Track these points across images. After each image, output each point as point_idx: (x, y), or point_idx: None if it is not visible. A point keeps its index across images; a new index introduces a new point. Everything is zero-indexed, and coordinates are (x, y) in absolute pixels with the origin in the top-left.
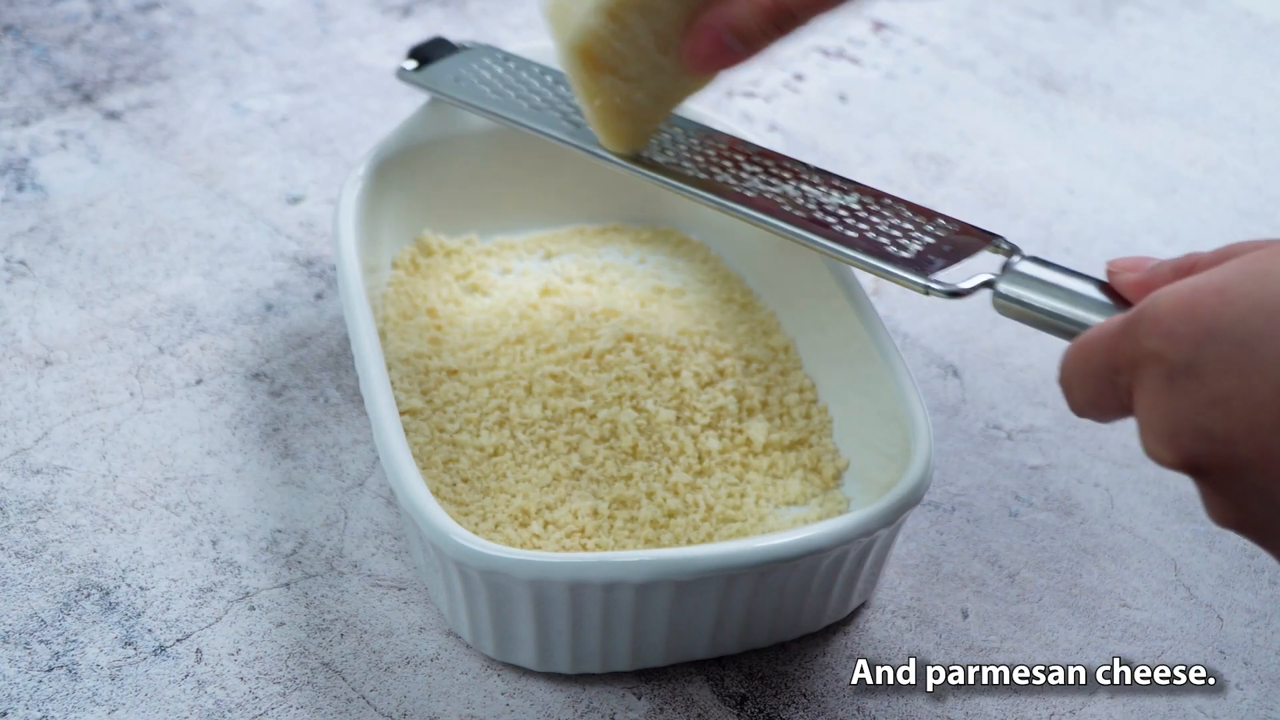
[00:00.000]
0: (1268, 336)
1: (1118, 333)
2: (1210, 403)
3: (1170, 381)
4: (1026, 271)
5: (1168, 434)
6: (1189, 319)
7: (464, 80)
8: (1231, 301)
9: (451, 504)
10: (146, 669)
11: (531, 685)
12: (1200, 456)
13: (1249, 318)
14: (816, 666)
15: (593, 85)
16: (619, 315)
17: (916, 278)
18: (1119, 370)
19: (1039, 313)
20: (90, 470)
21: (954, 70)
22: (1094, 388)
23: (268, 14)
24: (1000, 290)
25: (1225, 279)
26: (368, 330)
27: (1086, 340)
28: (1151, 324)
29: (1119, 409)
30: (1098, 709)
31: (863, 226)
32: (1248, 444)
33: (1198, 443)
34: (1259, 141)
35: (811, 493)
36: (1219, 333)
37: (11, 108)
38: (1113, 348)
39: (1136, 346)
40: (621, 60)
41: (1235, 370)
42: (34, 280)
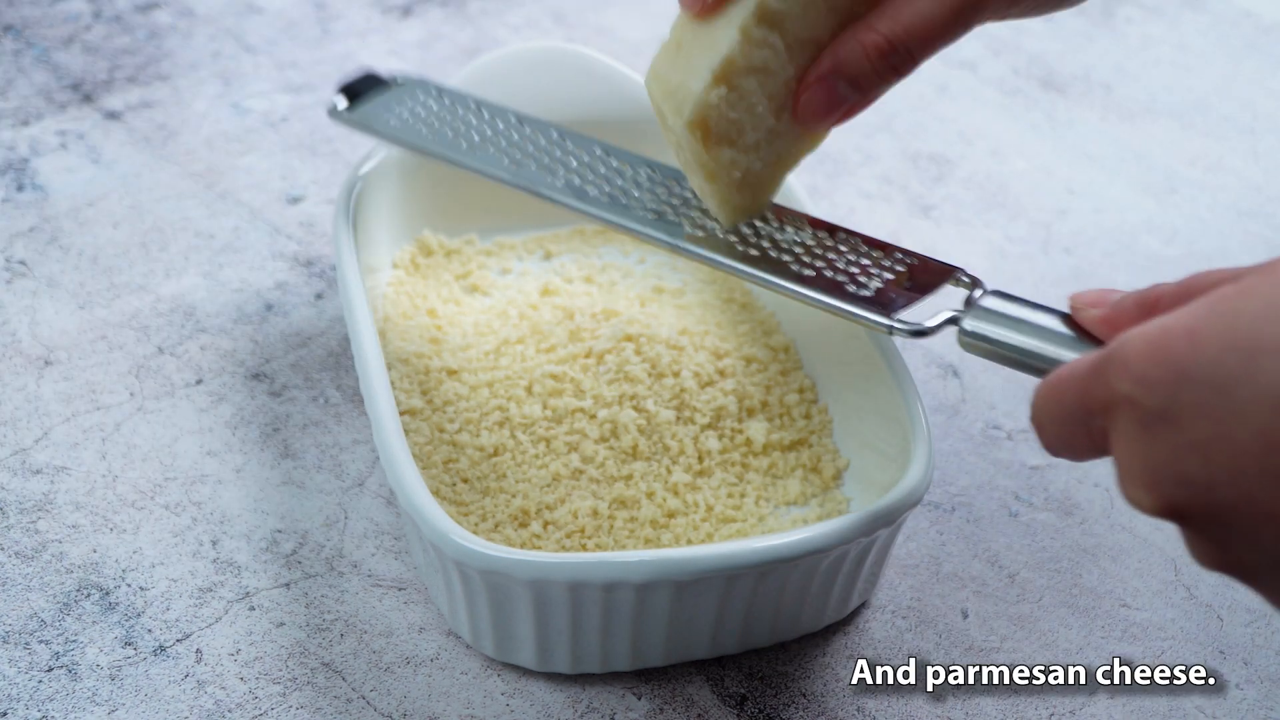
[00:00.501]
0: (1243, 379)
1: (1088, 375)
2: (1188, 448)
3: (1146, 428)
4: (991, 307)
5: (1147, 481)
6: (1160, 363)
7: (399, 118)
8: (1202, 344)
9: (451, 504)
10: (146, 669)
11: (531, 685)
12: (1181, 502)
13: (1222, 360)
14: (816, 666)
15: (712, 163)
16: (619, 315)
17: (879, 318)
18: (1092, 413)
19: (1006, 349)
20: (90, 470)
21: (954, 70)
22: (1067, 430)
23: (268, 14)
24: (966, 328)
25: (1194, 320)
26: (368, 330)
27: (1057, 381)
28: (1122, 368)
29: (1093, 451)
30: (1098, 709)
31: (819, 265)
32: (1229, 489)
33: (1178, 489)
34: (1259, 141)
35: (811, 493)
36: (1192, 377)
37: (11, 108)
38: (1084, 390)
39: (1109, 390)
40: (739, 130)
41: (1212, 415)
42: (34, 280)
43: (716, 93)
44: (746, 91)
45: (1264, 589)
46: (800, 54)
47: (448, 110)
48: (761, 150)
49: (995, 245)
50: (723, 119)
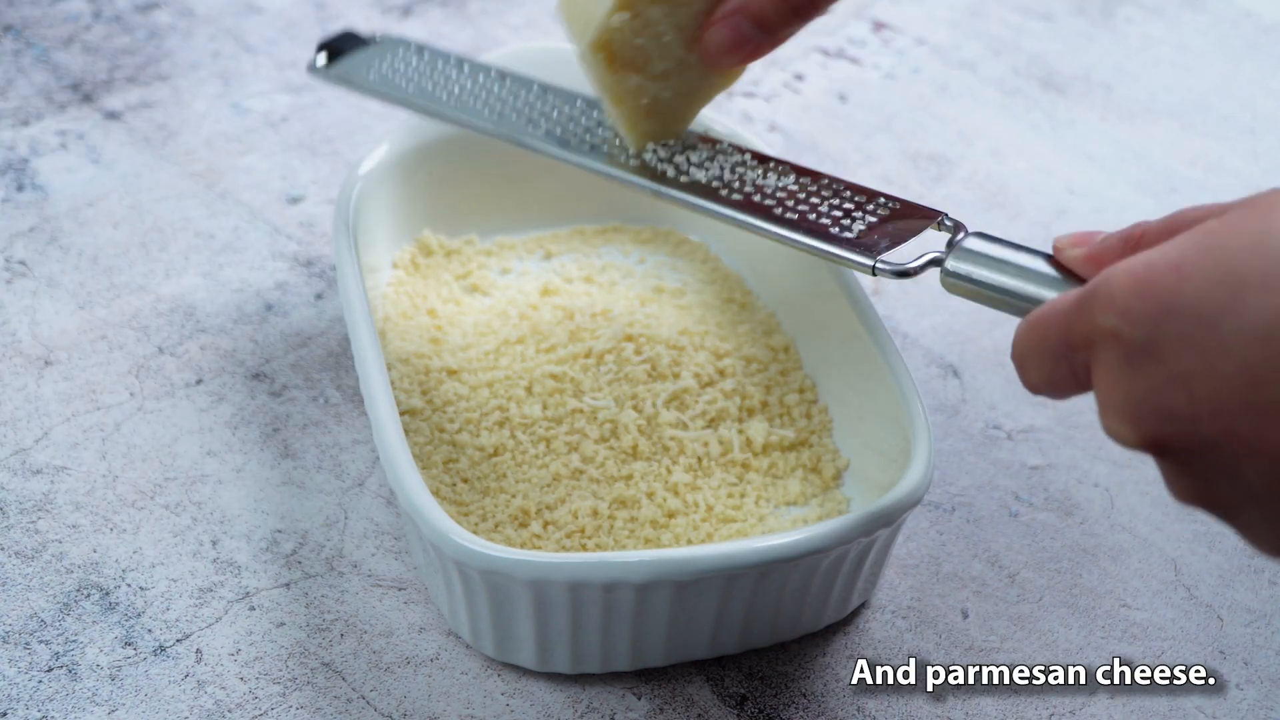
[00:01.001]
0: (1228, 312)
1: (1072, 310)
2: (1171, 381)
3: (1129, 361)
4: (974, 248)
5: (1129, 414)
6: (1145, 296)
7: (379, 74)
8: (1188, 278)
9: (451, 504)
10: (146, 669)
11: (531, 685)
12: (1163, 436)
13: (1207, 294)
14: (816, 666)
15: (617, 86)
16: (619, 315)
17: (863, 259)
18: (1075, 348)
19: (988, 289)
20: (90, 470)
21: (954, 70)
22: (1049, 365)
23: (268, 14)
24: (948, 268)
25: (1180, 254)
26: (368, 330)
27: (1039, 317)
28: (1106, 302)
29: (1075, 386)
30: (1098, 709)
31: (803, 209)
32: (1211, 422)
33: (1160, 422)
34: (1259, 141)
35: (811, 493)
36: (1177, 310)
37: (11, 108)
38: (1067, 325)
39: (1092, 325)
40: (644, 57)
41: (1196, 348)
42: (34, 280)
43: (619, 17)
44: (652, 20)
45: (1240, 525)
46: None
47: (428, 65)
48: (671, 80)
49: None
50: (627, 44)
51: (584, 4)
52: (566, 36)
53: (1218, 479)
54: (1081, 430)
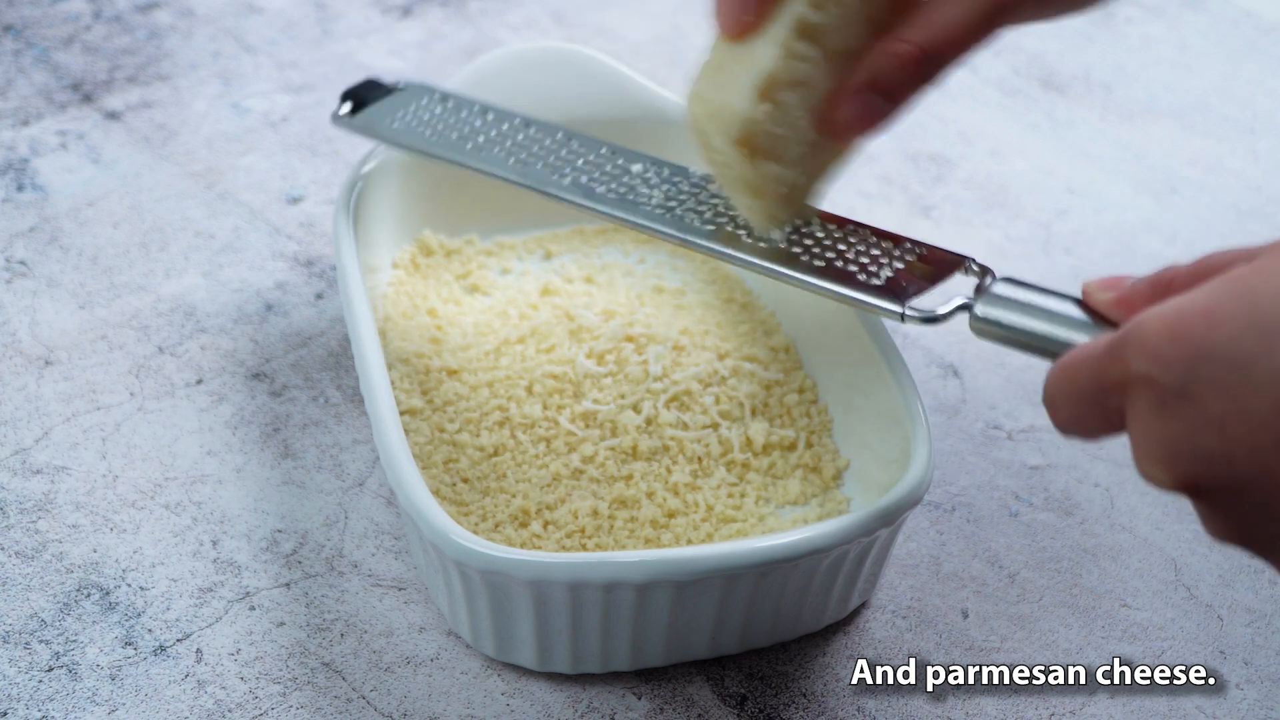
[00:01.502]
0: (1260, 356)
1: (1104, 355)
2: (1205, 424)
3: (1163, 405)
4: (1002, 293)
5: (1164, 457)
6: (1178, 341)
7: (402, 122)
8: (1220, 323)
9: (451, 504)
10: (146, 669)
11: (531, 685)
12: (1198, 478)
13: (1239, 338)
14: (816, 666)
15: (758, 178)
16: (619, 315)
17: (892, 305)
18: (1107, 392)
19: (1018, 334)
20: (90, 470)
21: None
22: (1080, 409)
23: (268, 14)
24: (978, 313)
25: (1211, 299)
26: (368, 330)
27: (1071, 361)
28: (1139, 347)
29: (1107, 429)
30: (1098, 709)
31: (830, 255)
32: (1247, 463)
33: (1195, 464)
34: (1259, 141)
35: (811, 493)
36: (1210, 355)
37: (11, 108)
38: (1099, 370)
39: (1125, 370)
40: (783, 145)
41: (1230, 392)
42: (34, 280)
43: (761, 109)
44: (789, 106)
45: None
46: (838, 66)
47: (451, 114)
48: (804, 163)
49: (995, 245)
50: (767, 134)
51: (721, 101)
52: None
53: (1254, 517)
54: None
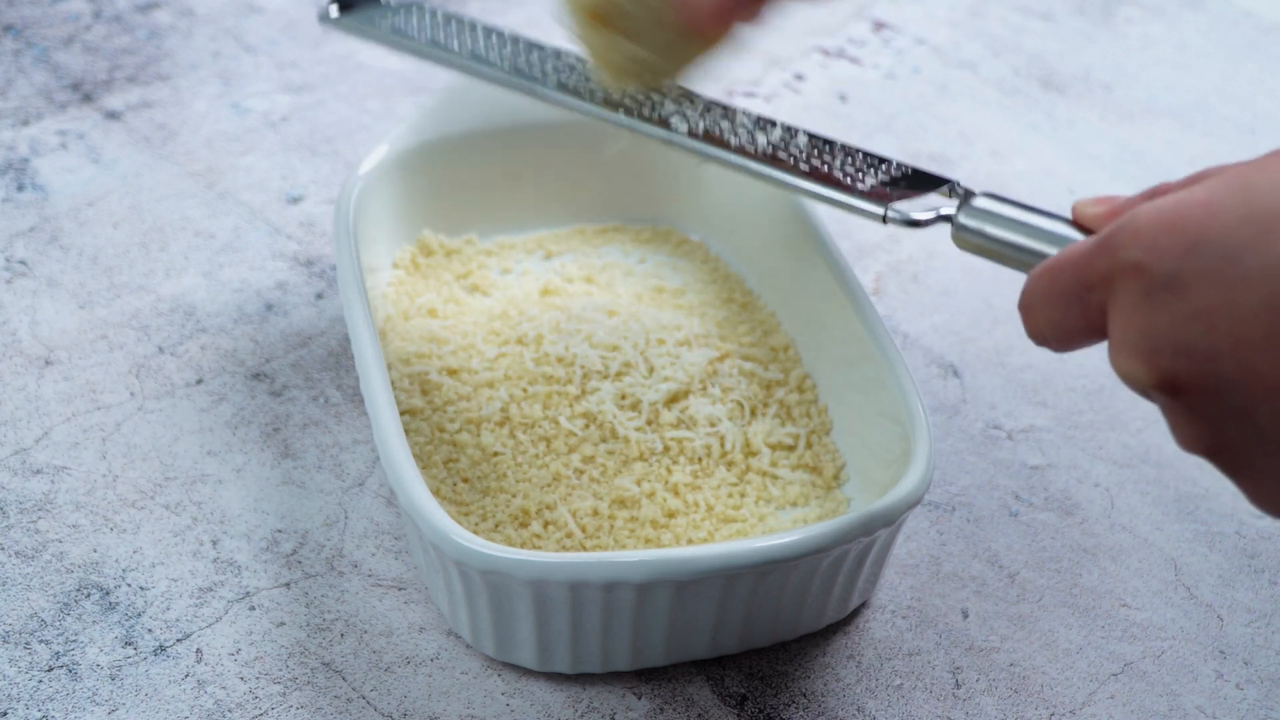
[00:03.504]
0: (1256, 249)
1: (1092, 249)
2: (1193, 316)
3: (1150, 295)
4: (986, 206)
5: (1145, 349)
6: (1172, 230)
7: (393, 26)
8: (1217, 214)
9: (451, 504)
10: (146, 669)
11: (531, 685)
12: (1178, 373)
13: (1237, 230)
14: (816, 666)
15: (601, 46)
16: (619, 315)
17: (874, 207)
18: (1091, 287)
19: (1002, 245)
20: (90, 470)
21: (954, 70)
22: (1060, 307)
23: (268, 14)
24: (960, 222)
25: (1209, 193)
26: (368, 330)
27: (1055, 261)
28: (1132, 236)
29: (1086, 330)
30: (1098, 709)
31: (815, 163)
32: (1231, 359)
33: (1177, 358)
34: (1259, 141)
35: (811, 493)
36: (1204, 244)
37: (11, 108)
38: (1085, 264)
39: (1113, 259)
40: (626, 18)
41: (1221, 282)
42: (34, 280)
43: None
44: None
45: (1245, 476)
46: None
47: (441, 23)
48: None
49: None
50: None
51: None
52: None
53: (1230, 422)
54: (1081, 430)
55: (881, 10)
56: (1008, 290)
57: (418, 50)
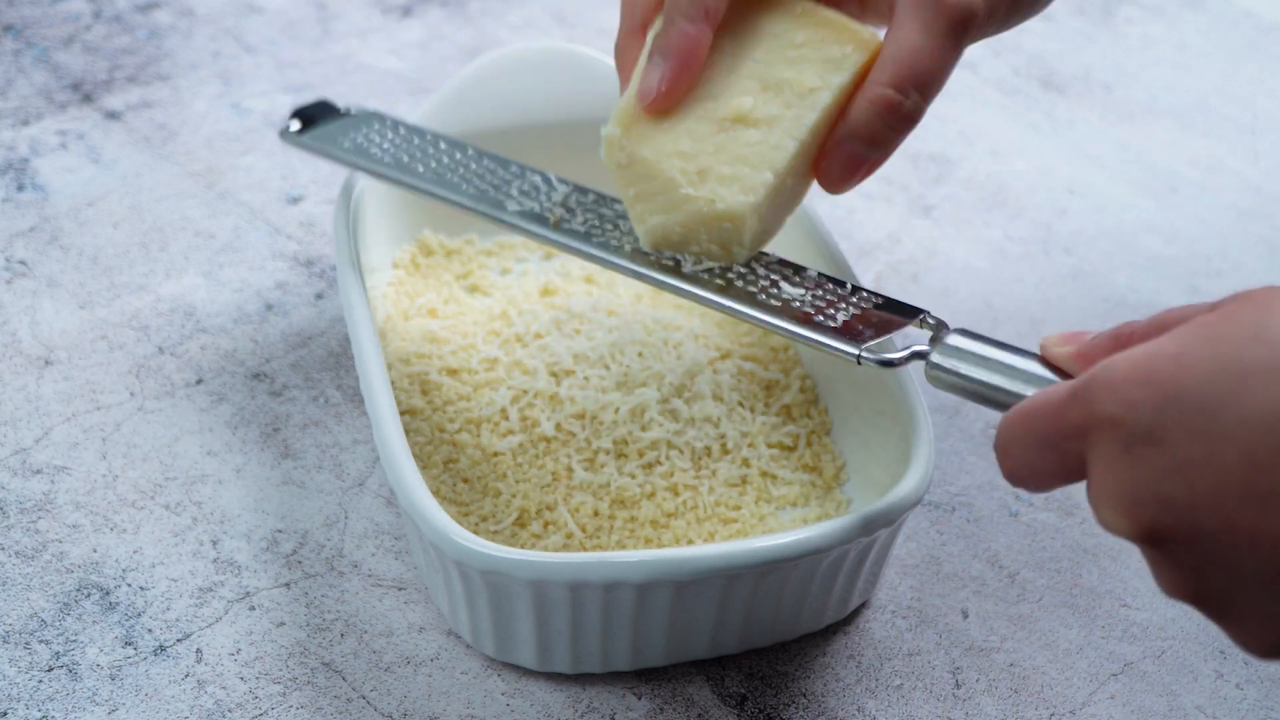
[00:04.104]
0: (1230, 401)
1: (1066, 399)
2: (1172, 470)
3: (1127, 449)
4: (958, 344)
5: (1125, 502)
6: (1147, 384)
7: (353, 143)
8: (1190, 366)
9: (451, 504)
10: (146, 669)
11: (531, 685)
12: (1160, 526)
13: (1210, 382)
14: (816, 666)
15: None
16: (619, 315)
17: (848, 348)
18: (1067, 437)
19: (974, 384)
20: (90, 470)
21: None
22: (1036, 454)
23: (268, 14)
24: (933, 360)
25: (1180, 344)
26: (368, 330)
27: (1030, 406)
28: (1106, 389)
29: (1062, 476)
30: (1098, 709)
31: (786, 297)
32: (1211, 511)
33: (1158, 511)
34: (1259, 141)
35: (811, 493)
36: (1179, 398)
37: (11, 108)
38: (1060, 414)
39: (1089, 412)
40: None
41: (1198, 436)
42: (34, 280)
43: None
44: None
45: (1231, 621)
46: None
47: (404, 140)
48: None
49: (995, 245)
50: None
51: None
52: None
53: (1213, 571)
54: None
55: None
56: (1008, 290)
57: (380, 173)
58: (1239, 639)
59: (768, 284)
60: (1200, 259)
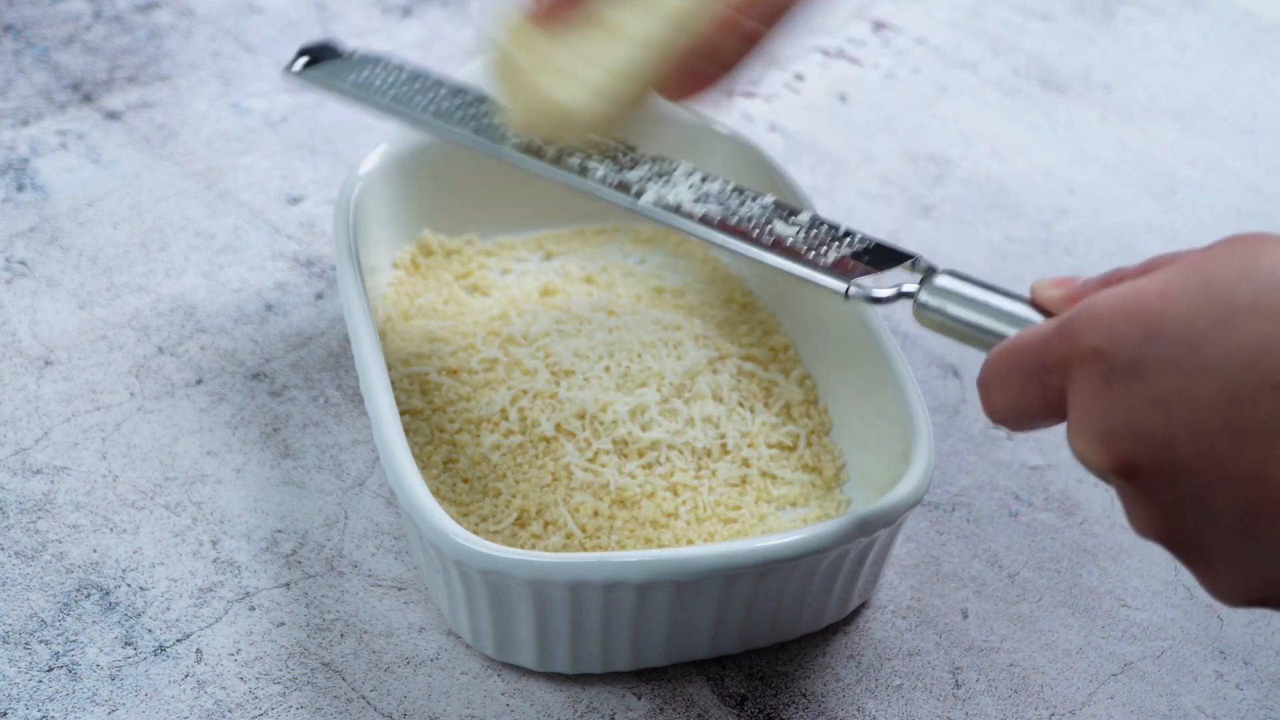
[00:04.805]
0: (1214, 336)
1: (1051, 333)
2: (1151, 403)
3: (1108, 381)
4: (947, 285)
5: (1102, 434)
6: (1131, 318)
7: (357, 81)
8: (1175, 302)
9: (451, 504)
10: (146, 669)
11: (531, 685)
12: (1136, 459)
13: (1195, 317)
14: (816, 666)
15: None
16: (619, 315)
17: (836, 282)
18: (1050, 370)
19: (962, 325)
20: (90, 470)
21: (954, 70)
22: (1018, 388)
23: (268, 14)
24: (921, 300)
25: (1166, 281)
26: (368, 330)
27: (1014, 342)
28: (1090, 322)
29: (1044, 411)
30: (1098, 709)
31: (779, 234)
32: (1188, 446)
33: (1134, 444)
34: (1259, 141)
35: (811, 493)
36: (1162, 332)
37: (11, 108)
38: (1044, 348)
39: (1072, 344)
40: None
41: (1179, 369)
42: (34, 280)
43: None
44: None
45: (1201, 563)
46: None
47: (407, 80)
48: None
49: (995, 245)
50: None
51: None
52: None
53: (1185, 509)
54: None
55: (881, 10)
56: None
57: (381, 107)
58: (1208, 583)
59: (762, 221)
60: None
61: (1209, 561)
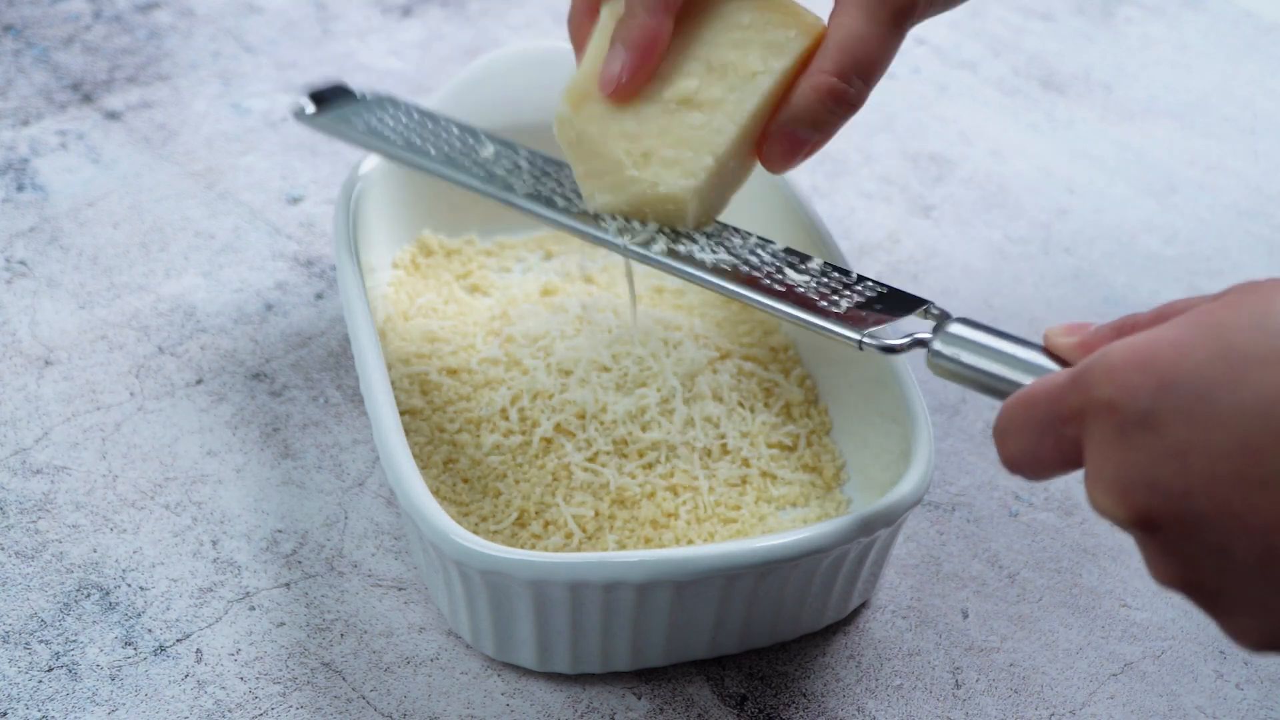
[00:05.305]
0: (1228, 387)
1: (1065, 384)
2: (1167, 455)
3: (1123, 433)
4: (960, 333)
5: (1120, 487)
6: (1145, 370)
7: (367, 126)
8: (1188, 353)
9: (451, 504)
10: (146, 669)
11: (531, 685)
12: (1153, 510)
13: (1208, 369)
14: (816, 666)
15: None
16: (619, 315)
17: (850, 333)
18: (1065, 421)
19: (977, 374)
20: (90, 470)
21: (954, 70)
22: (1034, 439)
23: (268, 14)
24: (935, 349)
25: (1179, 332)
26: (368, 330)
27: (1029, 392)
28: (1105, 374)
29: (1060, 462)
30: (1098, 709)
31: (790, 283)
32: (1205, 498)
33: (1151, 496)
34: (1259, 141)
35: (811, 493)
36: (1177, 384)
37: (11, 108)
38: (1059, 399)
39: (1087, 397)
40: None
41: (1194, 422)
42: (34, 280)
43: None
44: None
45: (1221, 610)
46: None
47: (416, 124)
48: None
49: (995, 245)
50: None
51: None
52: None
53: (1204, 558)
54: None
55: None
56: (1008, 290)
57: (392, 154)
58: (1230, 630)
59: (773, 270)
60: (1200, 259)
61: (1230, 609)
